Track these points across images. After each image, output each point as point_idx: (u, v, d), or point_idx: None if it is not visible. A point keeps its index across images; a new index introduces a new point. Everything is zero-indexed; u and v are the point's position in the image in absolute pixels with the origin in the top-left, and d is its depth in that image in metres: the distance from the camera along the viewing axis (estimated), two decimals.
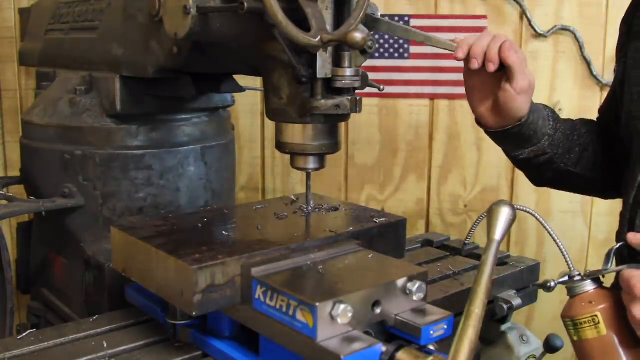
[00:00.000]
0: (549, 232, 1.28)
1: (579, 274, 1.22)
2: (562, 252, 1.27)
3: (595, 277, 1.21)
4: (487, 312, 1.15)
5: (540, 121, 1.40)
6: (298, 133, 1.21)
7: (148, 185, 1.49)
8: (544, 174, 1.49)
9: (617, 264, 1.24)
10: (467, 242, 1.61)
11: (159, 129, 1.51)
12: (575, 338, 1.21)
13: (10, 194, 1.63)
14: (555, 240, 1.27)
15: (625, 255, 1.25)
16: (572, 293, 1.22)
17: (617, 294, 1.17)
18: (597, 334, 1.17)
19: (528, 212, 1.31)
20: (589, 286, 1.20)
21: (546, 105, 1.46)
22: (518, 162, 1.49)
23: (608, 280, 1.27)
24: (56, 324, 1.56)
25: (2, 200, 1.57)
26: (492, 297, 1.44)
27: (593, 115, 1.61)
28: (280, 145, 1.24)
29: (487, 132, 1.44)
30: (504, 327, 1.53)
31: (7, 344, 1.13)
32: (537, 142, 1.41)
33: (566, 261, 1.25)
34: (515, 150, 1.44)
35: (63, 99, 1.53)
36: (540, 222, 1.29)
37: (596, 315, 1.17)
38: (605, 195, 1.63)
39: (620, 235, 1.31)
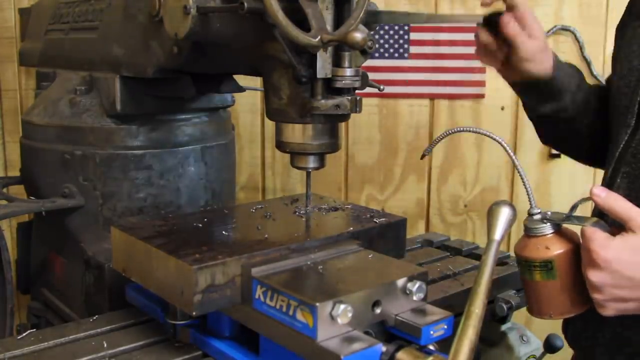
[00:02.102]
0: (515, 165, 1.22)
1: (539, 214, 1.16)
2: (525, 187, 1.19)
3: (551, 219, 1.16)
4: (487, 312, 1.15)
5: (566, 78, 1.38)
6: (298, 132, 1.21)
7: (148, 185, 1.49)
8: (558, 131, 1.46)
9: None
10: None
11: (159, 129, 1.51)
12: (525, 276, 1.18)
13: (11, 194, 1.63)
14: (520, 174, 1.20)
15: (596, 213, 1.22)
16: (529, 233, 1.17)
17: (575, 240, 1.14)
18: (547, 278, 1.14)
19: (495, 140, 1.24)
20: (547, 229, 1.15)
21: (571, 64, 1.44)
22: (536, 117, 1.46)
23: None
24: (56, 324, 1.56)
25: (2, 200, 1.57)
26: (492, 297, 1.44)
27: None
28: (280, 145, 1.24)
29: (509, 84, 1.42)
30: (504, 327, 1.53)
31: (7, 344, 1.14)
32: (561, 99, 1.38)
33: (528, 198, 1.18)
34: (537, 105, 1.41)
35: (63, 99, 1.53)
36: (507, 152, 1.22)
37: (551, 262, 1.13)
38: (593, 163, 1.59)
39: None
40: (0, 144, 2.52)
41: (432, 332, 1.00)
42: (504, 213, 1.08)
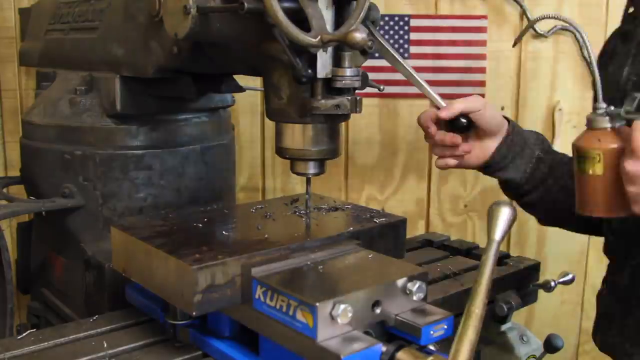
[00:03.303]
0: (590, 59, 1.26)
1: (605, 108, 1.16)
2: (594, 80, 1.19)
3: (615, 116, 1.15)
4: (487, 312, 1.15)
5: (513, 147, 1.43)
6: (298, 138, 1.20)
7: (148, 185, 1.49)
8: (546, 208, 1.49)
9: None
10: None
11: (159, 129, 1.51)
12: (575, 167, 1.19)
13: (11, 194, 1.63)
14: (592, 70, 1.23)
15: None
16: (588, 124, 1.18)
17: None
18: (593, 172, 1.15)
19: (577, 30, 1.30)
20: (605, 123, 1.15)
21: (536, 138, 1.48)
22: (522, 203, 1.52)
23: None
24: (56, 324, 1.56)
25: (2, 200, 1.57)
26: (492, 297, 1.44)
27: None
28: (280, 151, 1.24)
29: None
30: (504, 327, 1.53)
31: (7, 344, 1.14)
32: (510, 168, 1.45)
33: (595, 92, 1.18)
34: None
35: (63, 99, 1.53)
36: (584, 42, 1.26)
37: (599, 154, 1.13)
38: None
39: None
40: (0, 144, 2.52)
41: (432, 332, 1.00)
42: (504, 213, 1.08)
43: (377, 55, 1.34)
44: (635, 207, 1.09)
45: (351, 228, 1.26)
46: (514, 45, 1.37)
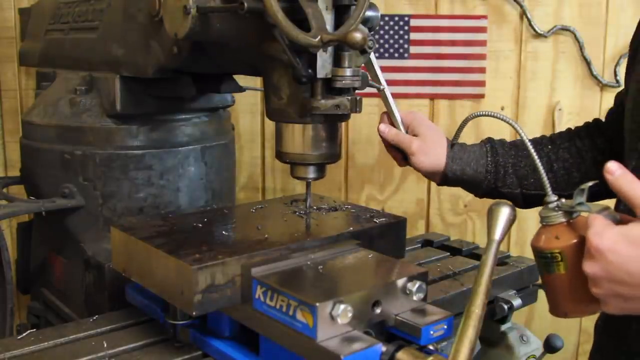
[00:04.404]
0: (524, 140, 1.20)
1: (556, 202, 1.10)
2: (540, 174, 1.15)
3: (568, 211, 1.09)
4: (487, 312, 1.15)
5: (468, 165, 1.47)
6: (298, 142, 1.21)
7: (148, 185, 1.49)
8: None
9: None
10: None
11: (159, 129, 1.51)
12: (539, 269, 1.13)
13: (11, 194, 1.63)
14: (535, 161, 1.16)
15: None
16: (541, 222, 1.12)
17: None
18: (558, 271, 1.08)
19: (507, 122, 1.27)
20: (558, 218, 1.09)
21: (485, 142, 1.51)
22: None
23: None
24: (56, 324, 1.56)
25: (2, 200, 1.57)
26: (492, 297, 1.44)
27: (593, 114, 1.61)
28: (280, 155, 1.24)
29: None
30: (504, 327, 1.53)
31: (7, 344, 1.14)
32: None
33: (544, 185, 1.13)
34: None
35: (63, 99, 1.53)
36: (517, 131, 1.23)
37: (559, 253, 1.07)
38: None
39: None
40: (0, 144, 2.52)
41: (432, 332, 1.00)
42: (504, 213, 1.08)
43: (376, 55, 1.35)
44: (604, 307, 1.01)
45: (351, 228, 1.26)
46: (451, 147, 1.48)
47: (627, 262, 0.94)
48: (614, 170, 0.98)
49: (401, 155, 1.48)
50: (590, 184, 1.05)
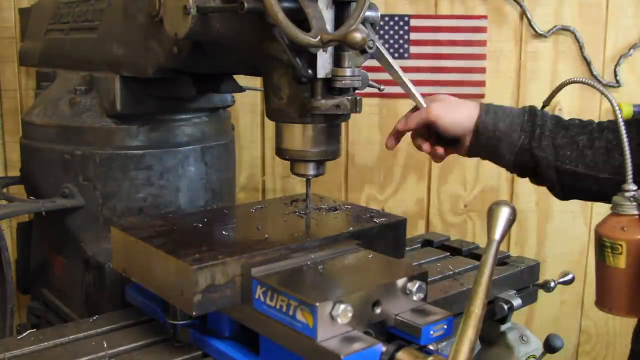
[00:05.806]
0: (614, 108, 1.13)
1: (634, 192, 1.05)
2: (625, 157, 1.06)
3: None
4: (487, 312, 1.15)
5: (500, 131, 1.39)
6: (298, 139, 1.21)
7: (148, 185, 1.49)
8: (551, 180, 1.40)
9: None
10: None
11: (159, 129, 1.51)
12: (595, 254, 1.09)
13: (11, 194, 1.63)
14: (622, 139, 1.08)
15: None
16: (612, 209, 1.07)
17: None
18: (615, 264, 1.04)
19: (600, 91, 1.20)
20: (631, 210, 1.04)
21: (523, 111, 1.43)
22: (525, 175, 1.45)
23: None
24: (56, 324, 1.56)
25: (2, 200, 1.57)
26: (492, 297, 1.44)
27: (593, 115, 1.61)
28: (280, 152, 1.24)
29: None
30: (504, 327, 1.53)
31: (7, 344, 1.14)
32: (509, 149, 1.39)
33: (626, 169, 1.05)
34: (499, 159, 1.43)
35: (63, 99, 1.53)
36: (610, 101, 1.15)
37: (622, 245, 1.03)
38: None
39: None
40: (0, 144, 2.52)
41: (432, 332, 0.99)
42: (504, 213, 1.08)
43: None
44: None
45: (351, 228, 1.26)
46: (542, 108, 1.34)
47: None
48: None
49: (434, 148, 1.43)
50: None
